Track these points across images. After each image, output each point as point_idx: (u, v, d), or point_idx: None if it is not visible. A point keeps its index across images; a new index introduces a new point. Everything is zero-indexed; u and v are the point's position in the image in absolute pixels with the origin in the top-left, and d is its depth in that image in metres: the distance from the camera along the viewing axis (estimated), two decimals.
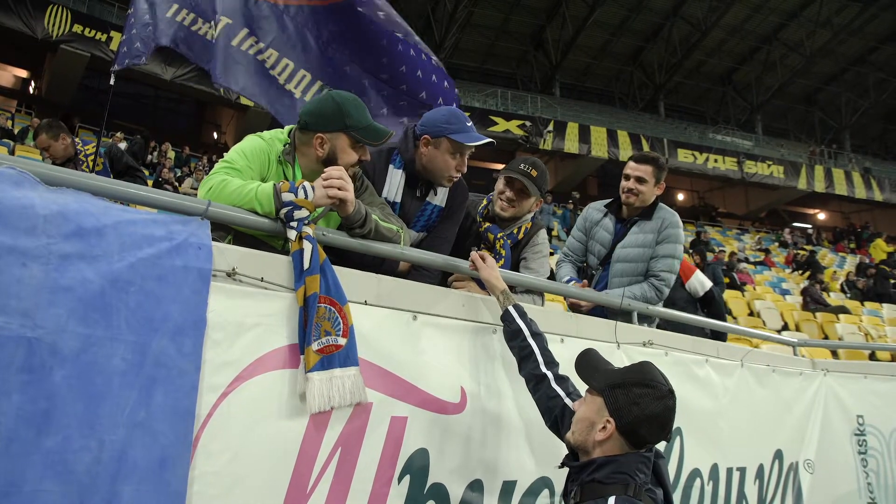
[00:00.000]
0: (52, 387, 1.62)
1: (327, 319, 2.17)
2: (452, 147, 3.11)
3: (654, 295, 3.89)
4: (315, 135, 2.68)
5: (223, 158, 2.63)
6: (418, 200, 3.27)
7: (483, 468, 2.65)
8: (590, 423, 2.19)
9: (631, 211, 4.13)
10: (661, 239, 4.01)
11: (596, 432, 2.16)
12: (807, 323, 15.67)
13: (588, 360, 2.42)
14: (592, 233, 4.26)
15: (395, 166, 3.24)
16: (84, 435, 1.65)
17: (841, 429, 4.79)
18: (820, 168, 30.38)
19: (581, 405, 2.30)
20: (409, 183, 3.24)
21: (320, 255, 2.23)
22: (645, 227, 4.06)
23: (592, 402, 2.23)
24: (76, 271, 1.71)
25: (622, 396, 2.14)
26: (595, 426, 2.17)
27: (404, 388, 2.42)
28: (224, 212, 2.24)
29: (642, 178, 4.02)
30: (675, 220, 4.08)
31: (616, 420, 2.13)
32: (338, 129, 2.66)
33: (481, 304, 2.83)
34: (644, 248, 4.02)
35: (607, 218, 4.23)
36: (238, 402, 2.00)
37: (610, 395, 2.18)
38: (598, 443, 2.16)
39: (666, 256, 3.97)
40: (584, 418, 2.23)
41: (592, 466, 2.16)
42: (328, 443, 2.19)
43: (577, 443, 2.24)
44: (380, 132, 2.70)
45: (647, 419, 2.13)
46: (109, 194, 2.11)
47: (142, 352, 1.78)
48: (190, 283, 1.92)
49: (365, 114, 2.71)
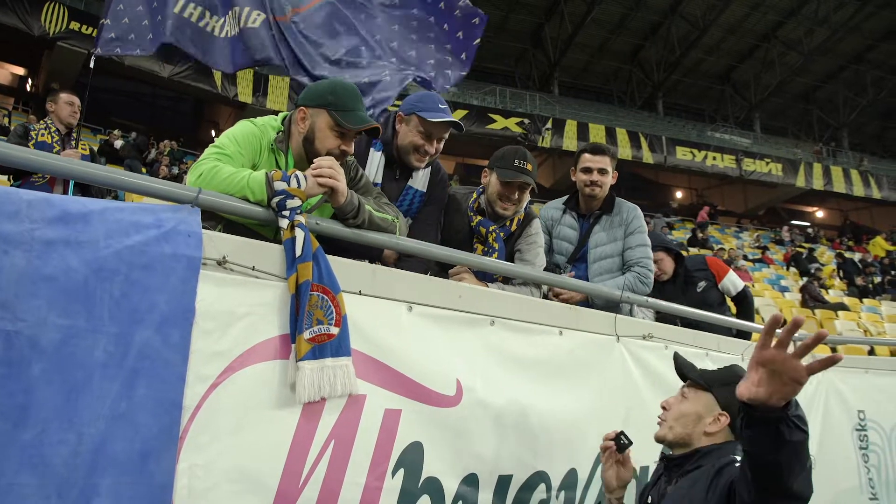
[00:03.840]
0: (30, 380, 1.58)
1: (320, 308, 2.12)
2: (421, 124, 3.20)
3: (640, 284, 3.92)
4: (300, 108, 2.69)
5: (213, 143, 2.58)
6: (397, 183, 3.32)
7: (478, 462, 2.60)
8: (697, 417, 2.40)
9: (591, 205, 4.16)
10: (631, 230, 4.10)
11: (706, 425, 2.38)
12: (806, 320, 15.67)
13: (684, 361, 2.60)
14: (556, 231, 4.26)
15: (375, 149, 3.32)
16: (62, 428, 1.62)
17: (842, 424, 4.73)
18: (818, 166, 30.35)
19: (680, 401, 2.48)
20: (387, 165, 3.33)
21: (313, 243, 2.18)
22: (612, 221, 4.14)
23: (696, 397, 2.44)
24: (60, 259, 1.67)
25: (731, 394, 2.20)
26: (703, 419, 2.39)
27: (399, 380, 2.37)
28: (215, 199, 2.18)
29: (604, 170, 4.07)
30: (638, 210, 4.21)
31: (730, 413, 2.35)
32: (319, 105, 2.65)
33: (478, 296, 2.77)
34: (616, 241, 4.10)
35: (567, 215, 4.26)
36: (228, 393, 1.95)
37: (721, 391, 2.38)
38: (706, 434, 2.37)
39: (640, 245, 4.07)
40: (688, 412, 2.42)
41: (697, 456, 2.35)
42: (321, 435, 2.14)
43: (677, 437, 2.42)
44: (359, 119, 2.66)
45: None
46: (98, 181, 2.06)
47: (125, 343, 1.73)
48: (178, 272, 1.87)
49: (352, 100, 2.67)
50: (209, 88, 21.76)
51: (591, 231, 4.14)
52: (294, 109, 2.72)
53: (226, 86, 21.46)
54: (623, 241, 4.08)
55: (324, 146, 2.62)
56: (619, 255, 4.07)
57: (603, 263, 4.07)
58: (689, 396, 2.46)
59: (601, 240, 4.10)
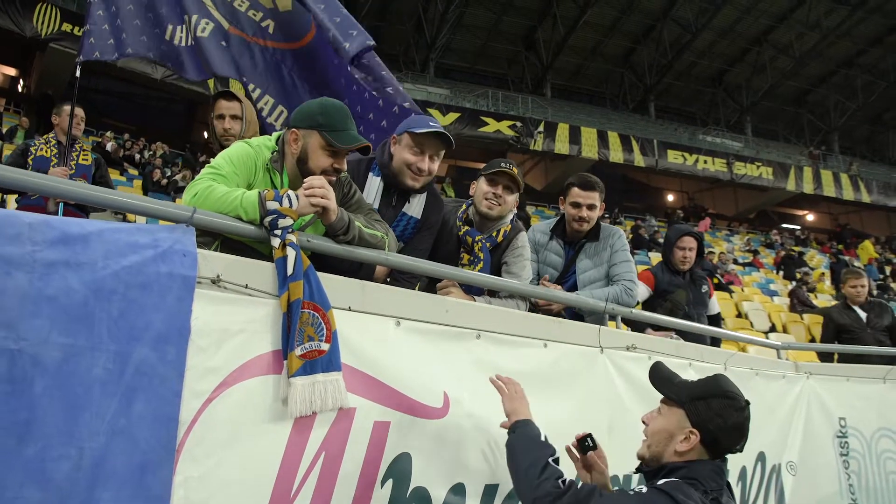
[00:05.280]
0: (33, 397, 1.65)
1: (311, 325, 2.19)
2: (412, 141, 3.21)
3: (624, 295, 3.99)
4: (292, 130, 2.74)
5: (209, 164, 2.65)
6: (393, 209, 3.33)
7: (465, 472, 2.67)
8: (669, 435, 2.30)
9: (577, 235, 4.26)
10: (615, 250, 4.20)
11: (677, 443, 2.27)
12: (794, 324, 15.78)
13: (661, 373, 2.52)
14: (542, 256, 4.35)
15: (374, 174, 3.34)
16: (64, 443, 1.68)
17: (823, 431, 4.84)
18: (808, 169, 30.54)
19: (655, 417, 2.40)
20: (385, 191, 3.33)
21: (304, 261, 2.26)
22: (597, 247, 4.23)
23: (671, 413, 2.34)
24: (60, 280, 1.73)
25: (704, 409, 2.25)
26: (675, 437, 2.28)
27: (387, 393, 2.44)
28: (209, 219, 2.26)
29: (593, 205, 4.15)
30: (621, 233, 4.34)
31: (700, 432, 2.24)
32: (310, 127, 2.70)
33: (464, 310, 2.85)
34: (601, 265, 4.19)
35: (554, 241, 4.35)
36: (222, 407, 2.02)
37: (692, 407, 2.28)
38: (678, 453, 2.27)
39: (624, 262, 4.18)
40: (661, 430, 2.33)
41: (665, 471, 2.26)
42: (312, 447, 2.21)
43: (652, 455, 2.34)
44: (349, 138, 2.71)
45: (728, 430, 2.24)
46: (95, 202, 2.13)
47: (123, 360, 1.79)
48: (174, 291, 1.94)
49: (343, 119, 2.73)
50: (202, 90, 21.75)
51: (577, 258, 4.24)
52: (286, 130, 2.78)
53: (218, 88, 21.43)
54: (608, 264, 4.18)
55: (317, 165, 2.68)
56: (605, 277, 4.16)
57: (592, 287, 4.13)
58: (662, 412, 2.38)
59: (587, 266, 4.20)
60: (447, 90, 29.08)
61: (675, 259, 5.31)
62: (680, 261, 5.29)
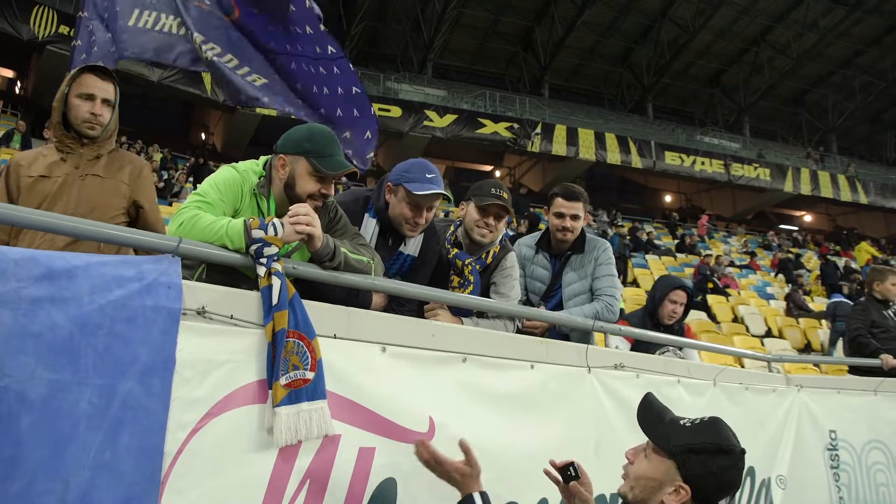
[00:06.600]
0: (19, 433, 1.66)
1: (295, 354, 2.21)
2: (408, 196, 3.17)
3: (605, 311, 4.03)
4: (279, 156, 2.76)
5: (195, 191, 2.67)
6: (390, 250, 3.33)
7: (451, 497, 2.68)
8: (657, 484, 2.14)
9: (562, 246, 4.28)
10: (600, 263, 4.22)
11: (665, 494, 2.12)
12: (790, 329, 15.79)
13: (650, 410, 2.35)
14: (529, 270, 4.38)
15: (370, 215, 3.33)
16: (49, 478, 1.69)
17: (814, 444, 4.85)
18: (806, 171, 30.57)
19: (641, 459, 2.24)
20: (382, 232, 3.32)
21: (289, 290, 2.28)
22: (582, 260, 4.25)
23: (660, 462, 2.17)
24: (46, 316, 1.74)
25: (698, 466, 2.09)
26: (664, 488, 2.13)
27: (372, 419, 2.45)
28: (196, 248, 2.28)
29: (576, 216, 4.17)
30: (608, 245, 4.33)
31: (692, 489, 2.08)
32: (297, 153, 2.72)
33: (450, 333, 2.87)
34: (585, 278, 4.21)
35: (540, 255, 4.36)
36: (207, 438, 2.03)
37: (684, 460, 2.11)
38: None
39: (607, 276, 4.20)
40: (648, 477, 2.17)
41: None
42: (297, 475, 2.23)
43: (636, 499, 2.19)
44: (336, 164, 2.73)
45: (722, 487, 2.11)
46: (81, 234, 2.15)
47: (108, 394, 1.81)
48: (159, 324, 1.95)
49: (330, 146, 2.75)
50: (198, 92, 21.79)
51: (563, 271, 4.26)
52: (273, 156, 2.80)
53: (215, 90, 21.47)
54: (591, 276, 4.21)
55: (304, 191, 2.71)
56: (589, 290, 4.20)
57: (577, 300, 4.18)
58: (650, 458, 2.20)
59: (572, 279, 4.23)
60: (445, 91, 29.10)
61: (664, 312, 4.94)
62: (668, 315, 4.94)
